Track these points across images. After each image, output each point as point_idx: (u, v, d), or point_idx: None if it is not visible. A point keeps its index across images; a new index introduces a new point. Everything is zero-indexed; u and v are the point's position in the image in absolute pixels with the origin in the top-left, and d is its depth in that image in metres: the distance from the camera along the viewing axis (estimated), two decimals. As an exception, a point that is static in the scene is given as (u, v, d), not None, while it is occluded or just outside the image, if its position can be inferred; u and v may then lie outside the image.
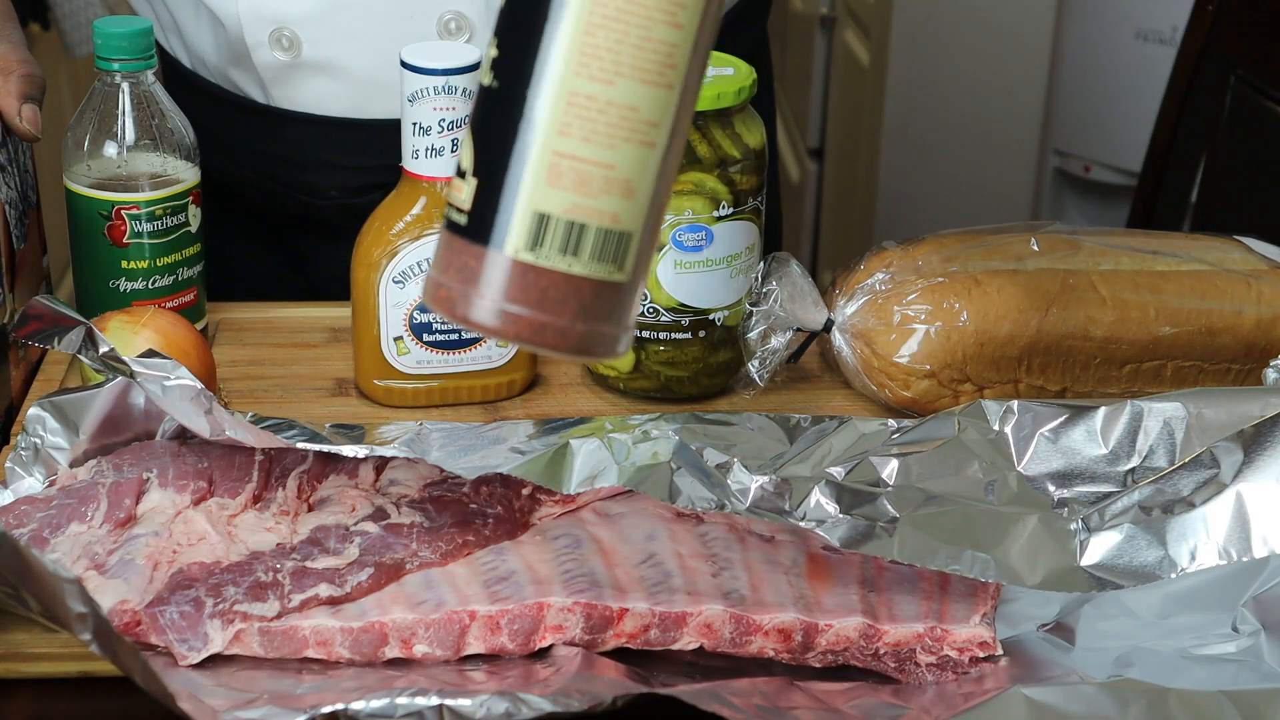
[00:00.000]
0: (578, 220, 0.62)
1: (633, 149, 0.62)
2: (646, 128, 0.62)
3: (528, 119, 0.62)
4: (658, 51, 0.62)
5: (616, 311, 0.64)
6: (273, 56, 1.13)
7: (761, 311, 1.00)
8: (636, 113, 0.62)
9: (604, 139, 0.62)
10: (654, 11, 0.61)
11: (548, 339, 0.63)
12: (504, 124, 0.62)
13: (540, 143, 0.62)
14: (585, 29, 0.61)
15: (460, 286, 0.63)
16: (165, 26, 1.21)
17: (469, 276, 0.63)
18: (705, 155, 0.96)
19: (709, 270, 0.99)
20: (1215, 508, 0.83)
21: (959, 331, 0.98)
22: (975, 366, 0.99)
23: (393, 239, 0.97)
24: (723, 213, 0.98)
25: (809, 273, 1.01)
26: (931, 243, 1.03)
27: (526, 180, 0.62)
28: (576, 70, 0.61)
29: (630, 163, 0.62)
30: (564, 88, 0.61)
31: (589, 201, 0.62)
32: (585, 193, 0.62)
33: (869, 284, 1.01)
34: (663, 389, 1.02)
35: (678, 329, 1.00)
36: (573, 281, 0.62)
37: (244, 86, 1.18)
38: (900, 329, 0.99)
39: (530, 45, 0.61)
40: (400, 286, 0.98)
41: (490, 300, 0.63)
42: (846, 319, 1.00)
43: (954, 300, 0.99)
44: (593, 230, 0.62)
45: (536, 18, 0.62)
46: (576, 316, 0.63)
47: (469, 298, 0.63)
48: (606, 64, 0.61)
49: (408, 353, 1.00)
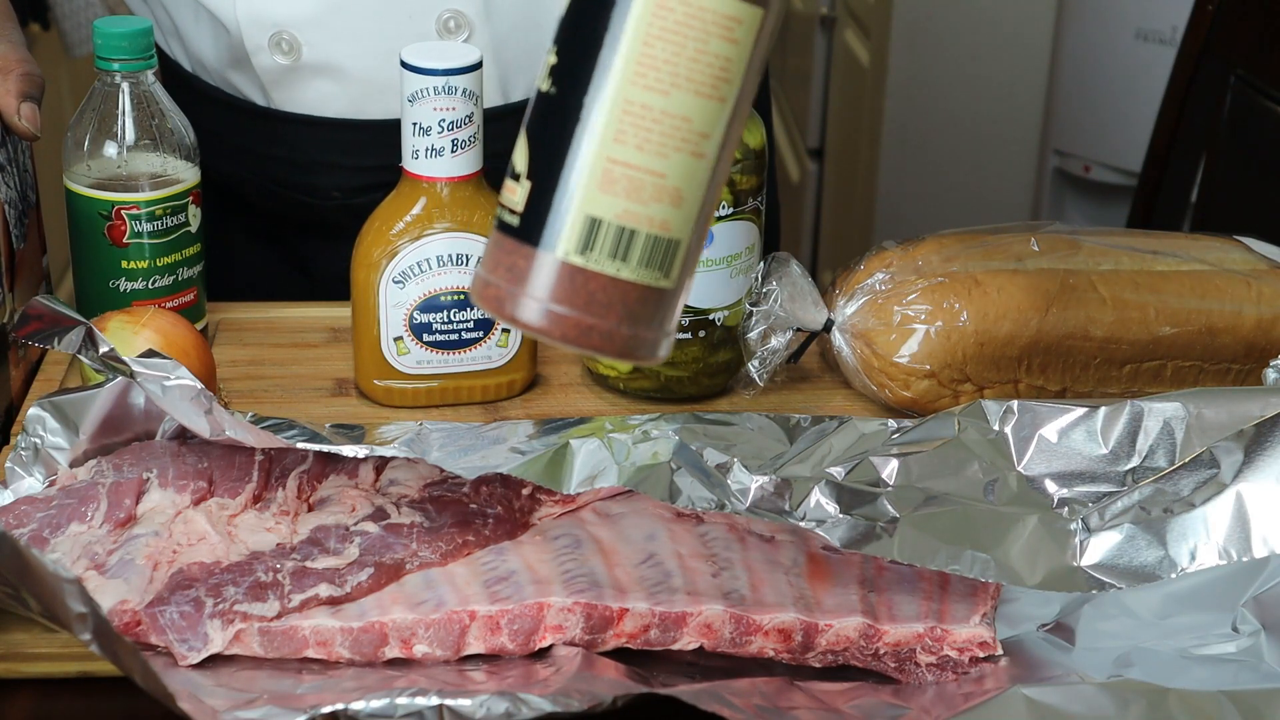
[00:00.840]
0: (628, 226, 0.63)
1: (683, 159, 0.64)
2: (698, 139, 0.64)
3: (584, 125, 0.63)
4: (712, 65, 0.63)
5: (660, 316, 0.65)
6: (273, 60, 1.13)
7: (761, 311, 1.00)
8: (689, 123, 0.63)
9: (657, 148, 0.63)
10: (711, 26, 0.63)
11: (593, 341, 0.64)
12: (560, 129, 0.63)
13: (595, 149, 0.63)
14: (644, 40, 0.63)
15: (509, 286, 0.65)
16: (165, 30, 1.21)
17: (517, 276, 0.64)
18: None
19: (709, 270, 0.99)
20: (1215, 508, 0.83)
21: (959, 331, 0.98)
22: (975, 366, 0.99)
23: (393, 239, 0.97)
24: (723, 213, 0.98)
25: (809, 273, 1.01)
26: (931, 243, 1.03)
27: (580, 185, 0.63)
28: (633, 80, 0.63)
29: (681, 172, 0.64)
30: (620, 96, 0.63)
31: (639, 208, 0.63)
32: (636, 199, 0.63)
33: (869, 284, 1.01)
34: (663, 389, 1.02)
35: (678, 329, 1.00)
36: (620, 285, 0.64)
37: (244, 89, 1.18)
38: (900, 329, 0.99)
39: (589, 54, 0.63)
40: (400, 286, 0.98)
41: (538, 300, 0.64)
42: (846, 319, 1.01)
43: (954, 300, 0.99)
44: (642, 236, 0.64)
45: (597, 28, 0.63)
46: (622, 320, 0.64)
47: (516, 297, 0.64)
48: (663, 75, 0.63)
49: (408, 353, 1.00)
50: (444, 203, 0.97)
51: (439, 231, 0.97)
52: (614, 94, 0.63)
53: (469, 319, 0.99)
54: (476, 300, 0.66)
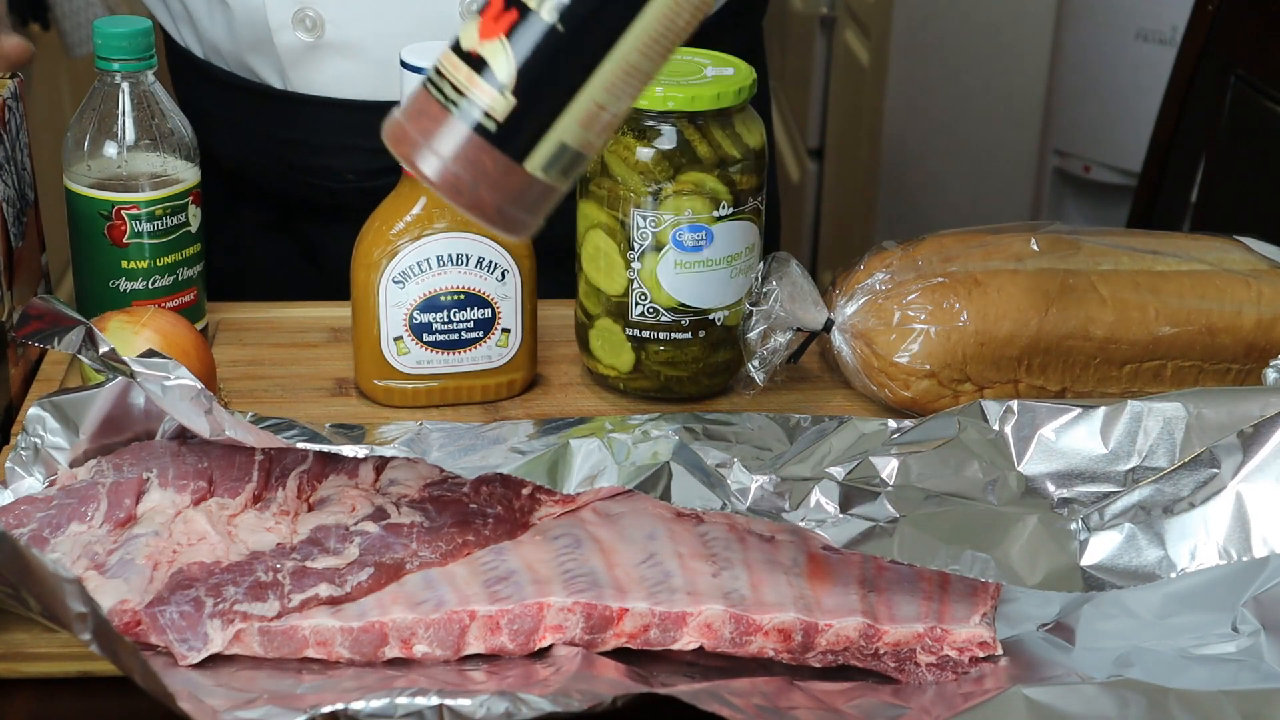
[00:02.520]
0: (581, 151, 0.72)
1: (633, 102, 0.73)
2: (646, 86, 0.73)
3: (588, 75, 0.71)
4: (679, 37, 0.72)
5: (549, 209, 0.74)
6: (295, 38, 1.14)
7: (761, 311, 1.00)
8: (649, 77, 0.73)
9: (629, 97, 0.72)
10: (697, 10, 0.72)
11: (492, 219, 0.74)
12: (562, 71, 0.71)
13: (589, 95, 0.71)
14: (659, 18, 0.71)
15: (470, 179, 0.73)
16: (176, 16, 1.21)
17: (481, 174, 0.73)
18: (705, 155, 0.96)
19: (709, 270, 0.99)
20: (1215, 508, 0.83)
21: (959, 331, 0.98)
22: (975, 366, 0.99)
23: (393, 239, 0.97)
24: (723, 213, 0.98)
25: (809, 273, 1.01)
26: (931, 243, 1.03)
27: (565, 119, 0.72)
28: (639, 48, 0.71)
29: (626, 111, 0.73)
30: (625, 59, 0.71)
31: (593, 139, 0.73)
32: (594, 131, 0.72)
33: (869, 284, 1.01)
34: (663, 389, 1.02)
35: (678, 329, 1.00)
36: (544, 187, 0.73)
37: (261, 72, 1.18)
38: (900, 329, 0.99)
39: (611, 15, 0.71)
40: (400, 286, 0.98)
41: (498, 202, 0.73)
42: (846, 319, 1.01)
43: (954, 300, 0.99)
44: (583, 158, 0.73)
45: None
46: (530, 211, 0.74)
47: (478, 191, 0.73)
48: (661, 46, 0.71)
49: (408, 353, 1.00)
50: (444, 203, 0.97)
51: (439, 231, 0.97)
52: (622, 56, 0.71)
53: (469, 319, 0.99)
54: (393, 146, 0.74)
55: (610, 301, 1.00)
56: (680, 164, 0.96)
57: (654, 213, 0.97)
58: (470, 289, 0.99)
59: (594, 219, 0.99)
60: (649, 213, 0.97)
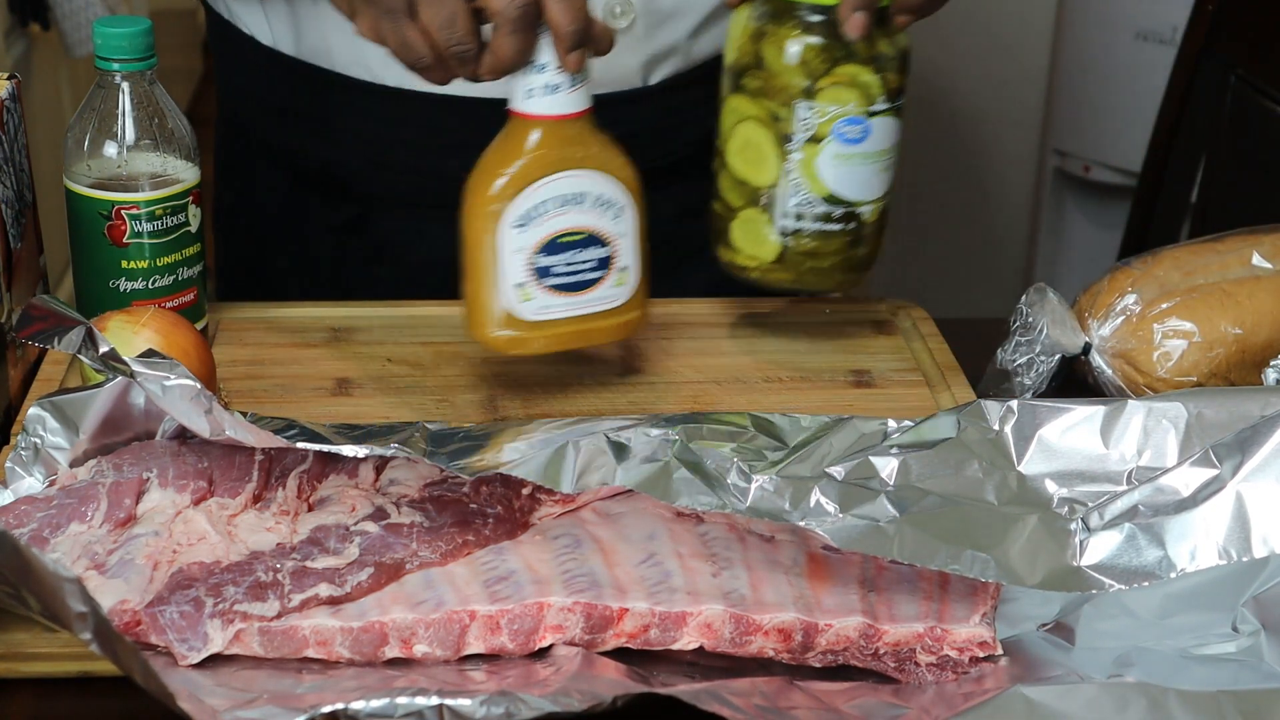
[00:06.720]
0: None
1: None
2: None
3: None
4: None
5: None
6: None
7: (1027, 340, 1.03)
8: None
9: None
10: None
11: None
12: None
13: None
14: None
15: None
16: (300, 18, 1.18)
17: None
18: (860, 50, 0.99)
19: (865, 163, 1.02)
20: (1215, 508, 0.83)
21: (1220, 342, 1.01)
22: (1239, 373, 1.02)
23: (510, 184, 0.95)
24: (880, 107, 1.01)
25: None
26: (1167, 258, 1.06)
27: None
28: None
29: None
30: None
31: None
32: None
33: (1120, 304, 1.03)
34: (798, 280, 1.04)
35: (828, 219, 1.03)
36: None
37: (379, 73, 1.15)
38: (1161, 345, 1.01)
39: None
40: (522, 229, 0.95)
41: None
42: (1104, 341, 1.03)
43: (1210, 312, 1.02)
44: None
45: None
46: None
47: None
48: None
49: (530, 299, 0.97)
50: (560, 140, 0.95)
51: (556, 171, 0.95)
52: None
53: (590, 259, 0.98)
54: None
55: (757, 193, 1.03)
56: (837, 57, 0.99)
57: (817, 103, 0.99)
58: (589, 229, 0.97)
59: (744, 112, 1.02)
60: (812, 103, 0.99)
